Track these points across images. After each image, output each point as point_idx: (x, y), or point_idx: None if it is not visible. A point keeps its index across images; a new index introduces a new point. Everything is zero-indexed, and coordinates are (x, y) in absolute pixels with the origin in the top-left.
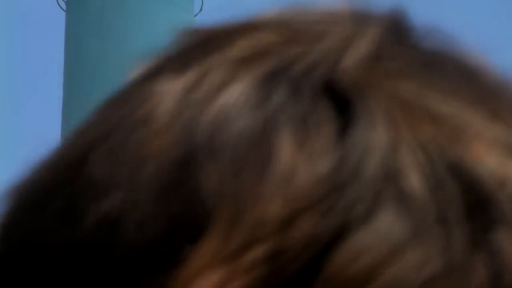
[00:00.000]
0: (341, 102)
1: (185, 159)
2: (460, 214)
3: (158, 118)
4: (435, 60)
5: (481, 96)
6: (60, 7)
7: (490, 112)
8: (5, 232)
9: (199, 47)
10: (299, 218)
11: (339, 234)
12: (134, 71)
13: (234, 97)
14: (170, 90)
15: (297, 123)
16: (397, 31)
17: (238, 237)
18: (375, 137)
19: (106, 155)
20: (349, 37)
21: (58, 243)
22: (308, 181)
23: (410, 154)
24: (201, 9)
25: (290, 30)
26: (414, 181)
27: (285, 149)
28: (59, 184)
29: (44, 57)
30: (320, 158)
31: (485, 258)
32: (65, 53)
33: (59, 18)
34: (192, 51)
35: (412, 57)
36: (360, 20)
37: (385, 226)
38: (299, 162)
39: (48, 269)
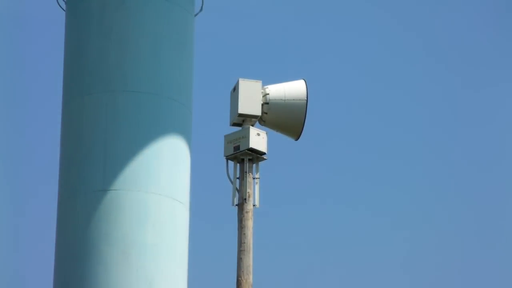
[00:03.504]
0: None
1: None
2: None
3: None
4: None
5: None
6: (60, 7)
7: None
8: None
9: None
10: None
11: None
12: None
13: None
14: None
15: None
16: None
17: None
18: None
19: None
20: None
21: None
22: None
23: None
24: (201, 9)
25: None
26: None
27: None
28: None
29: (44, 56)
30: None
31: None
32: (65, 52)
33: (59, 18)
34: None
35: None
36: None
37: None
38: None
39: None
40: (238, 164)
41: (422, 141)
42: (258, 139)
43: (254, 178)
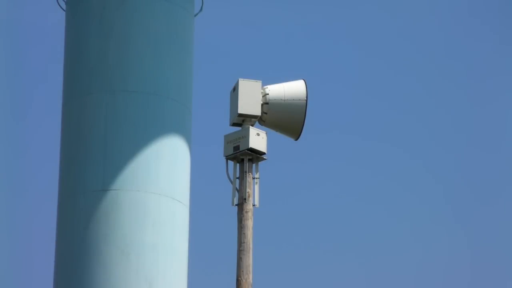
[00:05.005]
0: None
1: None
2: None
3: None
4: None
5: None
6: (60, 7)
7: None
8: None
9: None
10: None
11: None
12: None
13: None
14: None
15: None
16: None
17: None
18: None
19: None
20: None
21: None
22: None
23: None
24: (201, 9)
25: None
26: None
27: None
28: None
29: (44, 57)
30: None
31: None
32: (65, 52)
33: (59, 18)
34: None
35: None
36: None
37: None
38: None
39: None
40: (238, 164)
41: (422, 145)
42: (258, 139)
43: (253, 178)
